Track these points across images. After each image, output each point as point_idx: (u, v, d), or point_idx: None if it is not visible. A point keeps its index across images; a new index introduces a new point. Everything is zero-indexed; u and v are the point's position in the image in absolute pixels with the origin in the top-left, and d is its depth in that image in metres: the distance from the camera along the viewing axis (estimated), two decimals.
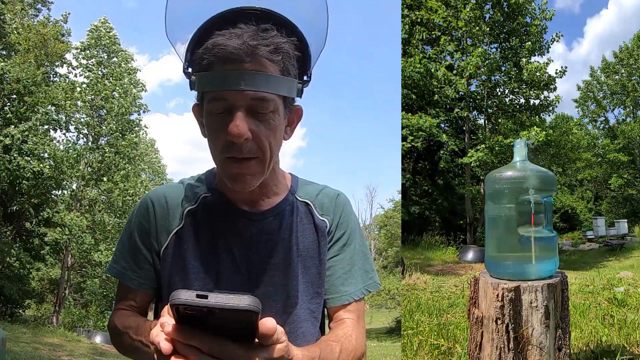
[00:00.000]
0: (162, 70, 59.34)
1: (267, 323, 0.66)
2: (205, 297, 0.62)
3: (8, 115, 13.69)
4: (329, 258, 1.09)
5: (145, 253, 1.05)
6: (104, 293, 17.43)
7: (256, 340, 0.68)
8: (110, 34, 16.62)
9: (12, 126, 13.38)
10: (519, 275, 1.67)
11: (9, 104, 13.90)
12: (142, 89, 17.32)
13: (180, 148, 60.60)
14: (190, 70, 0.94)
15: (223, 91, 0.88)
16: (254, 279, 1.01)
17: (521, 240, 1.65)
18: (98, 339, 13.75)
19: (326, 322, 1.15)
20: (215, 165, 1.01)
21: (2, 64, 12.99)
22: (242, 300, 0.62)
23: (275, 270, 1.02)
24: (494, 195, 1.74)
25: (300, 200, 1.10)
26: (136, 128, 16.94)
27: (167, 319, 0.67)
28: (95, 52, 16.48)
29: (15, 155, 13.21)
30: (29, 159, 13.51)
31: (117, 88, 16.12)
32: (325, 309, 1.11)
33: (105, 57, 16.63)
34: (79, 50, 16.35)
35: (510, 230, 1.69)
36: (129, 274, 1.06)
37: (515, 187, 1.68)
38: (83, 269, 17.07)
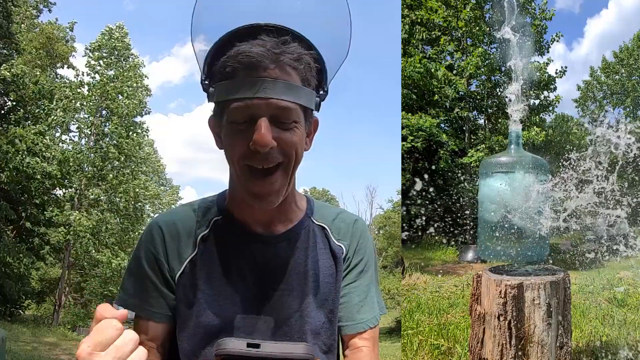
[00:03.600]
0: (162, 72, 59.49)
1: None
2: (257, 346, 0.59)
3: (18, 117, 13.70)
4: (345, 285, 1.07)
5: (156, 282, 1.00)
6: (104, 293, 17.42)
7: None
8: (126, 39, 16.69)
9: (21, 127, 13.40)
10: (510, 257, 1.68)
11: (28, 106, 13.91)
12: (148, 94, 17.38)
13: (180, 149, 60.68)
14: (207, 82, 0.93)
15: (247, 99, 0.86)
16: (268, 304, 0.99)
17: (513, 223, 1.66)
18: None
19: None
20: (228, 183, 0.99)
21: (21, 65, 13.00)
22: (298, 349, 0.60)
23: (288, 296, 1.00)
24: (488, 179, 1.75)
25: (316, 224, 1.08)
26: (138, 130, 16.97)
27: None
28: (105, 54, 16.52)
29: (24, 155, 13.23)
30: (38, 159, 13.53)
31: (125, 89, 16.14)
32: (340, 336, 1.08)
33: (114, 59, 16.65)
34: (90, 50, 16.39)
35: (503, 212, 1.70)
36: (139, 303, 1.01)
37: (508, 170, 1.69)
38: (83, 269, 17.07)
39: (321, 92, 0.98)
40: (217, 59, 0.90)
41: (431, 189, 12.88)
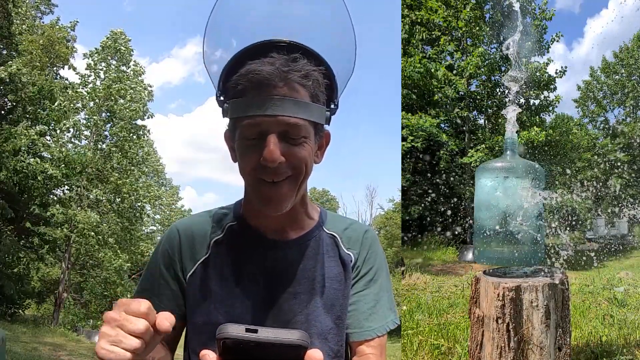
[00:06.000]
0: (162, 73, 59.44)
1: (315, 355, 0.65)
2: (255, 331, 0.62)
3: (17, 117, 13.70)
4: (354, 293, 1.09)
5: (168, 279, 1.07)
6: (104, 293, 17.43)
7: None
8: (127, 44, 16.77)
9: (20, 127, 13.39)
10: (506, 261, 1.69)
11: (28, 106, 13.91)
12: (150, 99, 17.46)
13: (180, 149, 60.59)
14: (222, 98, 0.97)
15: (257, 116, 0.90)
16: (276, 308, 1.02)
17: (508, 227, 1.67)
18: (97, 338, 13.73)
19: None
20: (243, 194, 1.03)
21: (18, 66, 13.01)
22: (293, 335, 0.62)
23: (297, 300, 1.03)
24: (483, 184, 1.76)
25: (327, 233, 1.11)
26: (140, 132, 17.01)
27: (208, 352, 0.67)
28: (108, 56, 16.57)
29: (24, 156, 13.24)
30: (38, 159, 13.55)
31: (129, 92, 16.18)
32: (347, 343, 1.11)
33: (114, 64, 16.70)
34: (92, 54, 16.43)
35: (498, 217, 1.71)
36: (152, 298, 1.07)
37: (503, 176, 1.71)
38: (83, 269, 17.07)
39: (332, 107, 1.01)
40: (230, 76, 0.94)
41: (431, 189, 12.89)
